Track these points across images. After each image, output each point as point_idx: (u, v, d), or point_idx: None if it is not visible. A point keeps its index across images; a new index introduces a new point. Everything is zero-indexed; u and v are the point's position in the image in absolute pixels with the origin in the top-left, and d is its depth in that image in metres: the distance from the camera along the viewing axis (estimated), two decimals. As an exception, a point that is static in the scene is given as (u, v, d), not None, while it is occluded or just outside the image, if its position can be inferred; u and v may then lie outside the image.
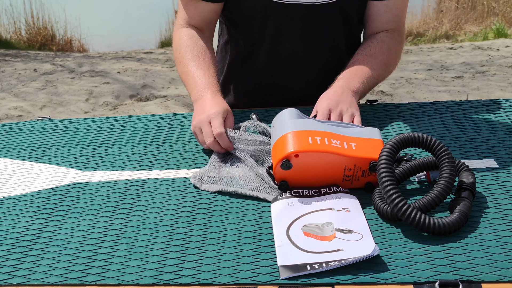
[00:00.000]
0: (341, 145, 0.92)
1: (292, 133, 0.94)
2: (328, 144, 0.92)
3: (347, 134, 0.96)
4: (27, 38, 6.67)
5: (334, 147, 0.92)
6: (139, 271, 0.79)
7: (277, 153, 0.94)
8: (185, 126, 1.27)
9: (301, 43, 1.34)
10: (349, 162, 0.92)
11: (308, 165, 0.92)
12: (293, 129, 0.95)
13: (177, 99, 4.32)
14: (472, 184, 0.89)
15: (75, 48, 6.75)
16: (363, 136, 0.97)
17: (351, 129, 0.99)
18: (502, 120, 1.19)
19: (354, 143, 0.94)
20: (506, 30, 6.27)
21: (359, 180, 0.94)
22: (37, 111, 4.15)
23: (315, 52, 1.35)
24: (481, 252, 0.78)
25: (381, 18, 1.33)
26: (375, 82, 1.26)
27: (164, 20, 6.76)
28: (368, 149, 0.93)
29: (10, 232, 0.91)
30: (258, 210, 0.93)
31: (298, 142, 0.92)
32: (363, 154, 0.92)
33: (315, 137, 0.93)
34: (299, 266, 0.76)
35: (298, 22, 1.31)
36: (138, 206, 0.96)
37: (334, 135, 0.95)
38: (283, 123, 0.98)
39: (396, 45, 1.33)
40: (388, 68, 1.31)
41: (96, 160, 1.14)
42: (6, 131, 1.32)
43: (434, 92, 4.36)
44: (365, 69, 1.24)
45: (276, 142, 0.96)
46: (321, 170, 0.93)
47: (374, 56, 1.27)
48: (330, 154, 0.91)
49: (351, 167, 0.93)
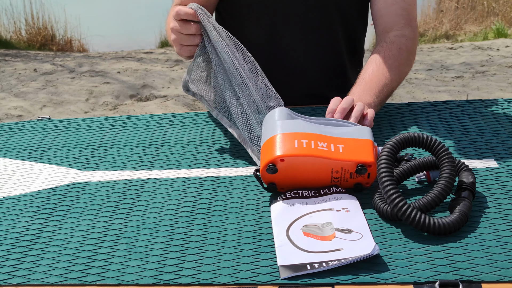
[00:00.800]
0: (327, 148, 0.92)
1: (279, 136, 0.94)
2: (315, 147, 0.92)
3: (336, 134, 0.96)
4: (27, 38, 6.67)
5: (320, 151, 0.91)
6: (139, 271, 0.79)
7: (264, 156, 0.94)
8: (185, 126, 1.27)
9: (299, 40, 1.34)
10: (336, 165, 0.92)
11: (294, 168, 0.92)
12: (281, 131, 0.95)
13: (177, 99, 4.32)
14: (472, 184, 0.89)
15: (75, 48, 6.76)
16: (352, 136, 0.96)
17: (341, 129, 0.98)
18: (502, 120, 1.19)
19: (341, 145, 0.93)
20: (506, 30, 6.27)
21: (348, 181, 0.94)
22: (37, 111, 4.16)
23: (313, 50, 1.35)
24: (481, 252, 0.78)
25: (388, 11, 1.29)
26: (391, 89, 1.22)
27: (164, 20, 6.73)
28: (355, 151, 0.93)
29: (10, 232, 0.91)
30: (258, 210, 0.93)
31: (284, 146, 0.92)
32: (350, 157, 0.92)
33: (301, 140, 0.93)
34: (299, 266, 0.76)
35: (296, 18, 1.31)
36: (138, 206, 0.96)
37: (321, 137, 0.94)
38: (272, 124, 0.98)
39: (407, 42, 1.28)
40: (402, 70, 1.26)
41: (96, 160, 1.14)
42: (6, 131, 1.32)
43: (434, 92, 4.36)
44: (377, 78, 1.19)
45: (264, 144, 0.96)
46: (308, 173, 0.93)
47: (385, 62, 1.22)
48: (315, 157, 0.91)
49: (338, 170, 0.93)
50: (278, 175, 0.93)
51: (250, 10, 1.33)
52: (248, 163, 1.08)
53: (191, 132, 1.24)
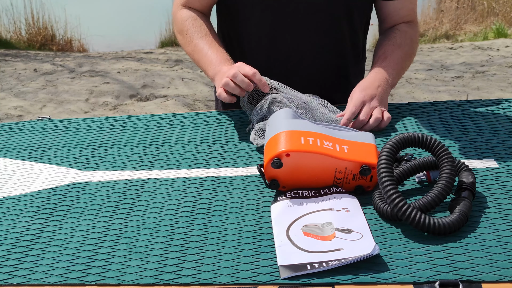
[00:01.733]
0: (333, 147, 0.93)
1: (285, 133, 0.94)
2: (320, 146, 0.92)
3: (341, 137, 0.96)
4: (27, 38, 6.67)
5: (326, 149, 0.92)
6: (139, 271, 0.79)
7: (269, 152, 0.94)
8: (185, 126, 1.27)
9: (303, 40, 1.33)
10: (340, 164, 0.92)
11: (298, 165, 0.92)
12: (287, 128, 0.95)
13: (177, 99, 4.32)
14: (472, 184, 0.89)
15: (75, 48, 6.76)
16: (357, 139, 0.96)
17: (346, 133, 0.99)
18: (502, 120, 1.19)
19: (346, 146, 0.94)
20: (506, 30, 6.27)
21: (350, 183, 0.94)
22: (37, 111, 4.16)
23: (318, 50, 1.35)
24: (481, 252, 0.78)
25: (397, 15, 1.36)
26: (403, 72, 1.31)
27: (164, 20, 6.76)
28: (360, 153, 0.93)
29: (10, 232, 0.91)
30: (258, 210, 0.93)
31: (290, 141, 0.92)
32: (355, 157, 0.92)
33: (307, 137, 0.93)
34: (299, 266, 0.76)
35: (301, 18, 1.30)
36: (138, 206, 0.96)
37: (327, 137, 0.95)
38: (278, 123, 0.98)
39: (414, 34, 1.37)
40: (412, 58, 1.36)
41: (96, 160, 1.14)
42: (6, 131, 1.32)
43: (434, 92, 4.36)
44: (395, 59, 1.28)
45: (269, 140, 0.96)
46: (312, 171, 0.93)
47: (401, 47, 1.31)
48: (321, 155, 0.91)
49: (342, 170, 0.93)
50: (282, 170, 0.93)
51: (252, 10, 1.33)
52: (248, 163, 1.08)
53: (191, 132, 1.24)
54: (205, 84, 4.82)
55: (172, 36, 6.85)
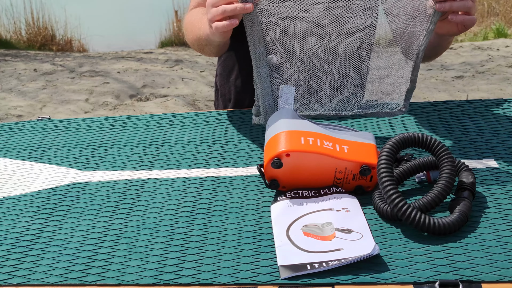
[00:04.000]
0: (333, 147, 0.93)
1: (285, 133, 0.94)
2: (320, 146, 0.92)
3: (341, 137, 0.97)
4: (27, 38, 6.68)
5: (326, 149, 0.92)
6: (139, 271, 0.79)
7: (269, 152, 0.94)
8: (185, 126, 1.27)
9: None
10: (340, 164, 0.92)
11: (298, 165, 0.92)
12: (287, 128, 0.95)
13: (177, 99, 4.32)
14: (472, 184, 0.89)
15: (75, 48, 6.76)
16: (357, 139, 0.97)
17: (346, 132, 0.99)
18: (502, 120, 1.19)
19: (346, 146, 0.94)
20: (506, 30, 6.27)
21: (350, 183, 0.94)
22: (37, 111, 4.16)
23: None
24: (481, 252, 0.78)
25: None
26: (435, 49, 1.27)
27: (164, 20, 6.76)
28: (360, 153, 0.94)
29: (10, 232, 0.91)
30: (258, 210, 0.93)
31: (290, 141, 0.93)
32: (355, 157, 0.92)
33: (307, 137, 0.93)
34: (299, 266, 0.76)
35: None
36: (138, 206, 0.96)
37: (327, 137, 0.95)
38: (278, 122, 0.98)
39: None
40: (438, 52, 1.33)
41: (96, 160, 1.14)
42: (6, 131, 1.32)
43: (434, 92, 4.36)
44: None
45: (269, 140, 0.96)
46: (312, 171, 0.93)
47: None
48: (321, 155, 0.91)
49: (342, 170, 0.93)
50: (282, 170, 0.93)
51: None
52: (248, 163, 1.08)
53: (191, 132, 1.24)
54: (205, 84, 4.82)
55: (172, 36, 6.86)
